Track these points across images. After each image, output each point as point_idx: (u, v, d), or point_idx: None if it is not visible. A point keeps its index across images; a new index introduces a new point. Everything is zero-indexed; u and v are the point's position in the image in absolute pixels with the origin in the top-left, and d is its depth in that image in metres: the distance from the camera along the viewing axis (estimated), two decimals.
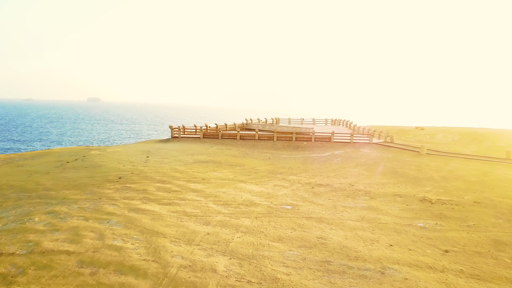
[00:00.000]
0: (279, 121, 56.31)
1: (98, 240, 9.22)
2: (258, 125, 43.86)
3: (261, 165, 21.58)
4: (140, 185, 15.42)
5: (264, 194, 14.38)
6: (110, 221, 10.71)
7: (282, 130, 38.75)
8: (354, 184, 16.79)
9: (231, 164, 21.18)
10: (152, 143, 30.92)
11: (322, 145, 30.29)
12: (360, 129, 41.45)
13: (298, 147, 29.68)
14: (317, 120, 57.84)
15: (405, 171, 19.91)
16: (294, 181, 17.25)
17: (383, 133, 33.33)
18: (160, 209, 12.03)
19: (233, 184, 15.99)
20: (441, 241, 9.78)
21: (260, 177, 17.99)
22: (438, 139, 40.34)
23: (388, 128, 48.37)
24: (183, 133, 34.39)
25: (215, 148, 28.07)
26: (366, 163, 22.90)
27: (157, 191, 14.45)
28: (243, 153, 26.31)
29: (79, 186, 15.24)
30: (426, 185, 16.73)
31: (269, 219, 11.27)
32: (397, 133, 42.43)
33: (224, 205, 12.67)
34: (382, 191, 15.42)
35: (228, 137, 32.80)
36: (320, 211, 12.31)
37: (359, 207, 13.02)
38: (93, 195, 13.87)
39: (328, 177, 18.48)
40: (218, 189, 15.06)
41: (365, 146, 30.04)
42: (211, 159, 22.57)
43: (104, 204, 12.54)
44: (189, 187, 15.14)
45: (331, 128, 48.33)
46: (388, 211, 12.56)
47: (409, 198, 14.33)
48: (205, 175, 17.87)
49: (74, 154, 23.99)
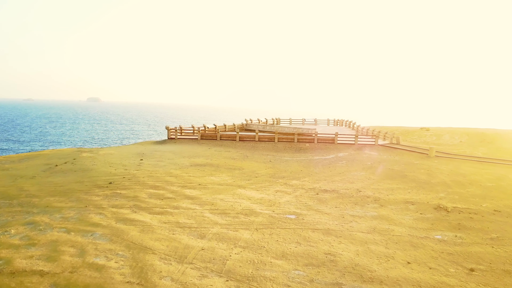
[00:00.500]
0: (279, 122, 55.36)
1: (78, 257, 8.27)
2: (259, 126, 42.95)
3: (261, 168, 20.64)
4: (131, 191, 14.48)
5: (265, 202, 13.44)
6: (94, 234, 9.76)
7: (283, 131, 37.82)
8: (361, 190, 15.85)
9: (229, 168, 20.24)
10: (147, 145, 29.97)
11: (325, 146, 29.35)
12: (363, 130, 40.52)
13: (300, 149, 28.73)
14: (319, 121, 56.91)
15: (415, 175, 18.97)
16: (297, 186, 16.30)
17: (388, 134, 32.40)
18: (151, 219, 11.09)
19: (231, 190, 15.05)
20: (464, 257, 8.83)
21: (260, 182, 17.04)
22: (445, 140, 39.42)
23: (392, 129, 47.45)
24: (180, 134, 33.45)
25: (213, 150, 27.13)
26: (373, 166, 21.96)
27: (149, 198, 13.51)
28: (243, 155, 25.37)
29: (65, 192, 14.29)
30: (439, 190, 15.79)
31: (270, 231, 10.32)
32: (402, 134, 41.50)
33: (221, 214, 11.73)
34: (393, 198, 14.48)
35: (227, 138, 31.86)
36: (327, 221, 11.36)
37: (369, 216, 12.07)
38: (79, 202, 12.93)
39: (333, 181, 17.54)
40: (215, 195, 14.12)
41: (370, 147, 29.09)
42: (208, 162, 21.63)
43: (90, 214, 11.60)
44: (183, 194, 14.20)
45: (333, 129, 47.40)
46: (401, 221, 11.62)
47: (423, 205, 13.39)
48: (202, 179, 16.93)
49: (64, 156, 23.05)
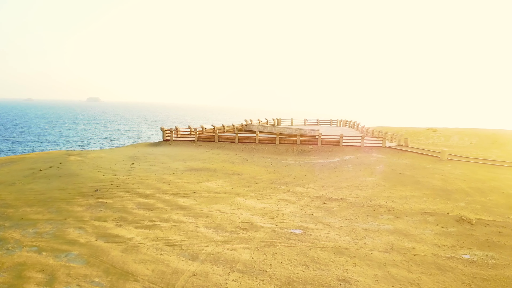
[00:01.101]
0: (280, 122, 54.12)
1: (44, 286, 7.07)
2: (259, 127, 41.77)
3: (262, 173, 19.43)
4: (118, 200, 13.28)
5: (267, 213, 12.23)
6: (69, 254, 8.56)
7: (284, 132, 36.62)
8: (372, 198, 14.64)
9: (228, 173, 19.03)
10: (141, 147, 28.75)
11: (329, 149, 28.15)
12: (368, 131, 39.33)
13: (303, 152, 27.53)
14: (321, 121, 55.71)
15: (429, 181, 17.77)
16: (302, 194, 15.10)
17: (396, 136, 31.20)
18: (137, 235, 9.88)
19: (229, 199, 13.84)
20: (501, 283, 7.63)
21: (261, 188, 15.84)
22: (454, 142, 38.23)
23: (396, 130, 46.23)
24: (176, 135, 32.24)
25: (210, 153, 25.92)
26: (382, 170, 20.75)
27: (137, 209, 12.31)
28: (242, 158, 24.17)
29: (45, 202, 13.09)
30: (458, 199, 14.58)
31: (274, 249, 9.11)
32: (408, 135, 40.27)
33: (217, 228, 10.52)
34: (408, 208, 13.27)
35: (226, 140, 30.66)
36: (337, 237, 10.16)
37: (384, 230, 10.87)
38: (59, 214, 11.73)
39: (340, 188, 16.34)
40: (211, 205, 12.91)
41: (378, 150, 27.89)
42: (205, 166, 20.42)
43: (69, 228, 10.40)
44: (176, 203, 12.99)
45: (336, 130, 46.20)
46: (421, 236, 10.42)
47: (443, 217, 12.18)
48: (197, 186, 15.72)
49: (50, 160, 21.84)
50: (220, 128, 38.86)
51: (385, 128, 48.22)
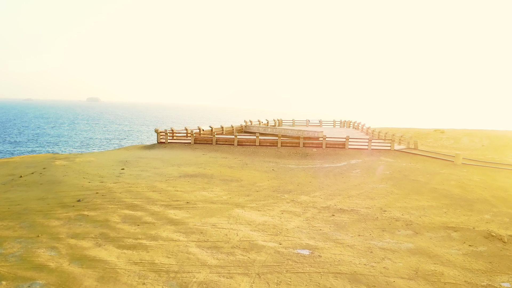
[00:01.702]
0: (282, 123, 52.84)
1: None
2: (259, 128, 40.48)
3: (263, 179, 18.16)
4: (102, 212, 12.00)
5: (269, 227, 10.96)
6: (33, 284, 7.29)
7: (286, 134, 35.34)
8: (386, 209, 13.37)
9: (225, 179, 17.75)
10: (133, 150, 27.46)
11: (334, 152, 26.86)
12: (374, 132, 38.05)
13: (306, 155, 26.24)
14: (324, 122, 54.40)
15: (446, 189, 16.50)
16: (308, 204, 13.82)
17: (405, 138, 29.93)
18: (118, 258, 8.60)
19: (226, 211, 12.56)
20: None
21: (262, 197, 14.56)
22: (465, 144, 36.97)
23: (402, 131, 44.95)
24: (171, 137, 30.95)
25: (207, 157, 24.63)
26: (393, 176, 19.48)
27: (122, 223, 11.04)
28: (241, 162, 22.89)
29: (19, 214, 11.82)
30: (482, 210, 13.31)
31: (278, 277, 7.83)
32: (415, 136, 39.00)
33: (212, 249, 9.24)
34: (428, 221, 12.00)
35: (224, 142, 29.37)
36: (352, 258, 8.88)
37: (405, 249, 9.60)
38: (32, 229, 10.46)
39: (349, 197, 15.06)
40: (206, 219, 11.63)
41: (386, 153, 26.62)
42: (201, 172, 19.14)
43: (40, 248, 9.13)
44: (166, 216, 11.71)
45: (340, 131, 44.93)
46: (448, 257, 9.14)
47: (468, 233, 10.91)
48: (191, 195, 14.44)
49: (34, 165, 20.57)
50: (219, 129, 37.58)
51: (390, 129, 46.93)
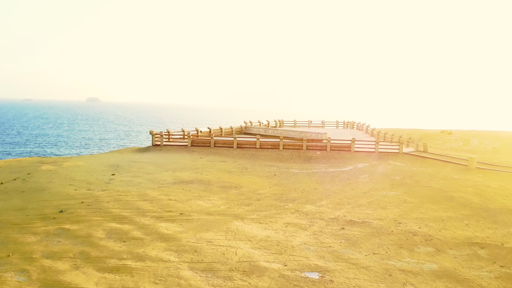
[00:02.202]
0: (283, 124, 51.76)
1: None
2: (259, 129, 39.39)
3: (264, 185, 17.06)
4: (85, 226, 10.91)
5: (272, 245, 9.85)
6: None
7: (288, 136, 34.28)
8: (400, 221, 12.27)
9: (224, 186, 16.65)
10: (126, 153, 26.34)
11: (340, 155, 25.76)
12: (380, 134, 36.96)
13: (310, 159, 25.14)
14: (327, 123, 53.31)
15: (464, 197, 15.39)
16: (314, 215, 12.72)
17: (413, 140, 28.83)
18: (97, 284, 7.50)
19: (224, 224, 11.46)
20: None
21: (264, 207, 13.46)
22: (475, 146, 35.87)
23: (408, 132, 43.87)
24: (167, 139, 29.85)
25: (205, 160, 23.52)
26: (404, 182, 18.38)
27: (106, 239, 9.93)
28: (241, 167, 21.79)
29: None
30: (508, 222, 12.20)
31: None
32: (421, 138, 37.83)
33: (207, 272, 8.14)
34: (449, 235, 10.89)
35: (223, 145, 28.26)
36: (368, 284, 7.77)
37: (428, 271, 8.49)
38: (3, 247, 9.37)
39: (359, 206, 13.96)
40: (201, 233, 10.53)
41: (394, 157, 25.52)
42: (197, 178, 18.03)
43: (8, 271, 8.03)
44: (157, 231, 10.61)
45: (343, 132, 43.89)
46: (479, 282, 8.03)
47: (497, 250, 9.80)
48: (186, 205, 13.34)
49: (18, 170, 19.47)
50: (217, 131, 36.49)
51: (394, 130, 45.75)
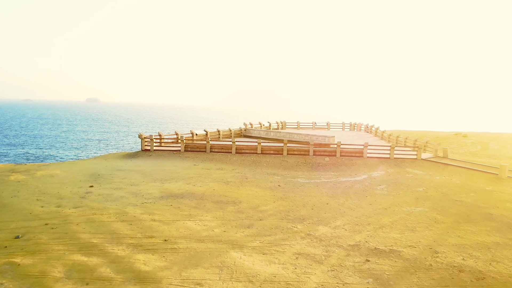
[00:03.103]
0: (285, 126, 49.62)
1: None
2: (260, 132, 37.28)
3: (267, 200, 14.96)
4: (42, 259, 8.80)
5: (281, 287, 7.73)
6: None
7: (292, 139, 32.15)
8: (437, 249, 10.17)
9: (219, 200, 14.54)
10: (112, 159, 24.19)
11: (351, 161, 23.63)
12: (391, 137, 34.85)
13: (318, 165, 23.01)
14: (332, 124, 51.17)
15: (505, 215, 13.28)
16: (330, 240, 10.61)
17: (431, 145, 26.71)
18: None
19: (218, 255, 9.35)
20: None
21: (268, 230, 11.36)
22: (495, 151, 33.76)
23: (418, 134, 41.77)
24: (158, 143, 27.72)
25: (199, 168, 21.40)
26: (429, 195, 16.27)
27: (64, 280, 7.83)
28: (240, 176, 19.68)
29: None
30: None
31: None
32: (433, 140, 35.64)
33: None
34: (505, 272, 8.78)
35: (220, 150, 26.13)
36: None
37: None
38: None
39: (382, 227, 11.85)
40: (189, 270, 8.41)
41: (412, 163, 23.41)
42: (189, 190, 15.92)
43: None
44: (132, 266, 8.50)
45: (350, 135, 41.76)
46: None
47: None
48: (172, 228, 11.23)
49: None
50: (214, 133, 34.37)
51: (404, 133, 43.64)
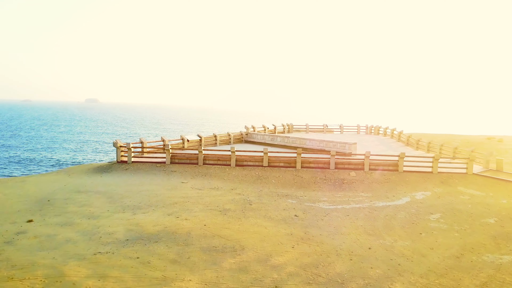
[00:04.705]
0: (292, 129, 45.26)
1: None
2: (265, 137, 32.96)
3: (282, 243, 10.71)
4: None
5: None
6: None
7: (304, 145, 27.92)
8: None
9: (212, 247, 10.28)
10: (77, 174, 19.90)
11: (383, 177, 19.37)
12: (421, 143, 30.62)
13: (342, 183, 18.74)
14: (346, 128, 46.81)
15: None
16: None
17: (481, 155, 22.42)
18: None
19: None
20: None
21: None
22: None
23: (445, 139, 37.31)
24: (140, 152, 23.49)
25: (188, 187, 17.16)
26: (509, 231, 12.02)
27: None
28: (242, 199, 15.45)
29: None
30: None
31: None
32: (463, 145, 31.19)
33: None
34: None
35: (216, 161, 21.79)
36: None
37: None
38: None
39: None
40: None
41: (462, 179, 19.16)
42: (169, 227, 11.67)
43: None
44: None
45: (371, 140, 37.49)
46: None
47: None
48: None
49: None
50: (210, 139, 30.10)
51: (424, 136, 39.18)
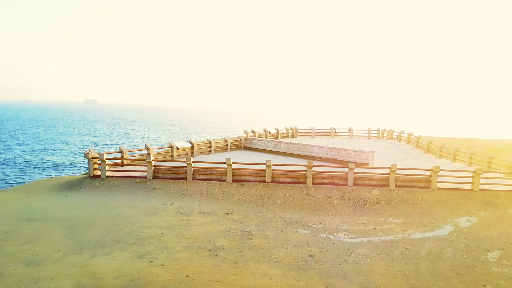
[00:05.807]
0: (296, 133, 42.15)
1: None
2: (267, 143, 29.86)
3: None
4: None
5: None
6: None
7: (312, 154, 24.91)
8: None
9: None
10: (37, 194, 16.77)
11: (413, 196, 16.33)
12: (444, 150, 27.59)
13: (363, 204, 15.71)
14: (355, 132, 43.53)
15: None
16: None
17: None
18: None
19: None
20: None
21: None
22: None
23: (464, 144, 34.06)
24: (119, 164, 20.43)
25: (172, 212, 14.10)
26: None
27: None
28: (240, 230, 12.41)
29: None
30: None
31: None
32: (488, 151, 28.13)
33: None
34: None
35: (209, 176, 18.58)
36: None
37: None
38: None
39: None
40: None
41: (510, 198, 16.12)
42: (137, 280, 8.64)
43: None
44: None
45: (385, 147, 34.41)
46: None
47: None
48: None
49: None
50: (204, 145, 27.02)
51: (439, 140, 35.98)
